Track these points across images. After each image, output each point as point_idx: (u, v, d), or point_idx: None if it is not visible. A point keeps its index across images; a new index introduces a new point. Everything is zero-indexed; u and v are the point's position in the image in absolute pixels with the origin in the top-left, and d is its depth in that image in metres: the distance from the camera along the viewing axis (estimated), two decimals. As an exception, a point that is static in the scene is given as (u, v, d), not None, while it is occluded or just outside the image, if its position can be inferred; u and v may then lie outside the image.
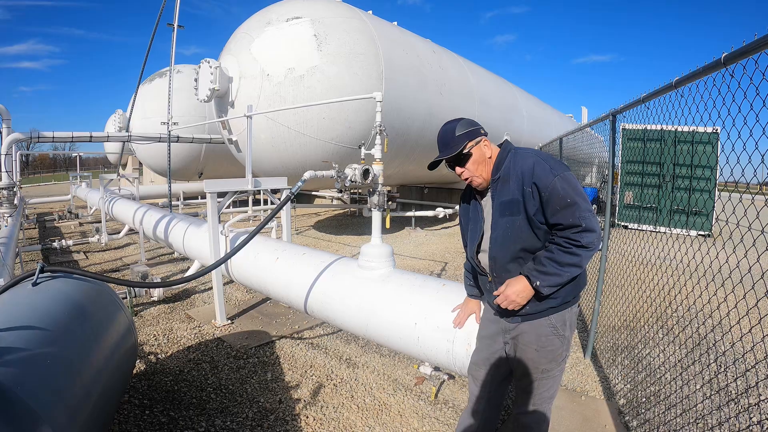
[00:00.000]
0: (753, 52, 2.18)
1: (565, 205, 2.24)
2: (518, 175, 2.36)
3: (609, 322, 5.55)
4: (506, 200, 2.40)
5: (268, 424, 3.59)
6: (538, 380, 2.52)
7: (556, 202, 2.25)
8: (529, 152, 2.44)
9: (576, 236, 2.23)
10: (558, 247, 2.27)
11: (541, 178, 2.28)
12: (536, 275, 2.30)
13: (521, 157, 2.41)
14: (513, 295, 2.36)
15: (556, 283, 2.31)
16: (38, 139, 9.42)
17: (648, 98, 3.65)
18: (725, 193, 3.44)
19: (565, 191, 2.24)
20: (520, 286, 2.35)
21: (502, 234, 2.43)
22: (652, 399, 3.84)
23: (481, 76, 13.85)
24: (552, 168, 2.29)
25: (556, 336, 2.45)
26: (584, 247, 2.24)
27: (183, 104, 13.80)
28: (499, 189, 2.44)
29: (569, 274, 2.29)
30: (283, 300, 4.84)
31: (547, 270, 2.28)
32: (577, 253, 2.24)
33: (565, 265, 2.26)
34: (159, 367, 4.51)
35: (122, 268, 8.71)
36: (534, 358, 2.49)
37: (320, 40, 8.48)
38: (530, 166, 2.33)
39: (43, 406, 2.00)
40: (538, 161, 2.34)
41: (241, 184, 5.73)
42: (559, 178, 2.26)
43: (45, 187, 33.18)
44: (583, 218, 2.22)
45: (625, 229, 12.57)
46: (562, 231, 2.28)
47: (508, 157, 2.45)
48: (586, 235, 2.23)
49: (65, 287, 3.02)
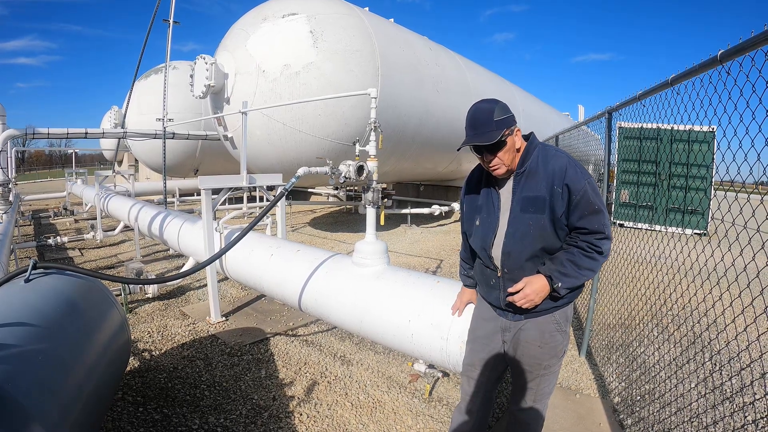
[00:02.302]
0: (749, 49, 2.16)
1: (594, 211, 2.24)
2: (549, 173, 2.31)
3: (604, 320, 5.55)
4: (531, 196, 2.33)
5: (262, 421, 3.58)
6: (540, 377, 2.50)
7: (586, 206, 2.25)
8: (559, 151, 2.40)
9: (598, 242, 2.26)
10: (580, 250, 2.28)
11: (574, 181, 2.25)
12: (558, 276, 2.29)
13: (552, 156, 2.36)
14: (532, 294, 2.32)
15: (574, 285, 2.32)
16: (33, 135, 9.36)
17: (644, 96, 3.64)
18: (721, 191, 3.44)
19: (594, 197, 2.25)
20: (539, 285, 2.33)
21: (522, 230, 2.36)
22: (647, 397, 3.85)
23: (478, 74, 13.85)
24: (581, 172, 2.29)
25: (559, 332, 2.45)
26: (602, 253, 2.28)
27: (179, 101, 13.74)
28: (523, 183, 2.36)
29: (585, 277, 2.31)
30: (278, 297, 4.83)
31: (568, 272, 2.28)
32: (596, 258, 2.27)
33: (583, 268, 2.28)
34: (153, 364, 4.49)
35: (117, 264, 8.69)
36: (537, 354, 2.46)
37: (316, 36, 8.45)
38: (562, 167, 2.29)
39: (34, 404, 1.98)
40: (571, 163, 2.30)
41: (235, 180, 5.71)
42: (588, 183, 2.26)
43: (40, 184, 33.05)
44: (606, 226, 2.26)
45: (621, 228, 12.59)
46: (585, 235, 2.28)
47: (536, 151, 2.39)
48: (606, 243, 2.27)
49: (58, 284, 3.00)
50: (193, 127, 12.72)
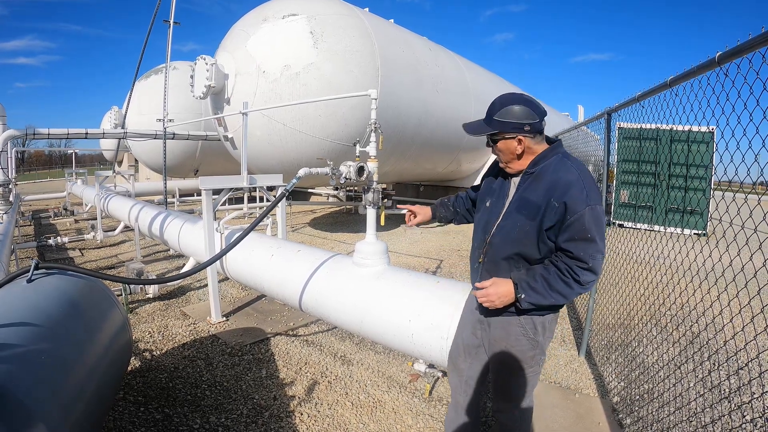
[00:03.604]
0: (747, 51, 2.18)
1: (584, 238, 2.16)
2: (552, 183, 2.26)
3: (603, 320, 5.57)
4: (529, 199, 2.31)
5: (263, 420, 3.59)
6: (508, 378, 2.51)
7: (577, 231, 2.17)
8: (575, 168, 2.29)
9: (578, 270, 2.17)
10: (557, 271, 2.21)
11: (574, 200, 2.17)
12: (524, 287, 2.25)
13: (565, 168, 2.29)
14: (494, 295, 2.29)
15: (539, 303, 2.25)
16: (34, 135, 9.39)
17: (643, 97, 3.66)
18: (719, 192, 3.46)
19: (590, 225, 2.15)
20: (504, 290, 2.29)
21: (508, 228, 2.37)
22: (646, 396, 3.86)
23: (478, 74, 13.86)
24: (589, 195, 2.18)
25: (525, 337, 2.41)
26: (580, 283, 2.19)
27: (179, 101, 13.76)
28: (527, 184, 2.36)
29: (554, 300, 2.23)
30: (278, 297, 4.84)
31: (537, 288, 2.22)
32: (571, 285, 2.19)
33: (555, 291, 2.21)
34: (154, 364, 4.51)
35: (118, 265, 8.70)
36: (503, 355, 2.48)
37: (316, 37, 8.47)
38: (567, 182, 2.21)
39: (36, 403, 2.00)
40: (579, 182, 2.21)
41: (236, 181, 5.72)
42: (591, 209, 2.16)
43: (40, 184, 33.05)
44: (593, 258, 2.16)
45: (621, 228, 12.60)
46: (569, 259, 2.20)
47: (554, 158, 2.34)
48: (588, 274, 2.18)
49: (60, 284, 3.01)
50: (194, 128, 12.73)
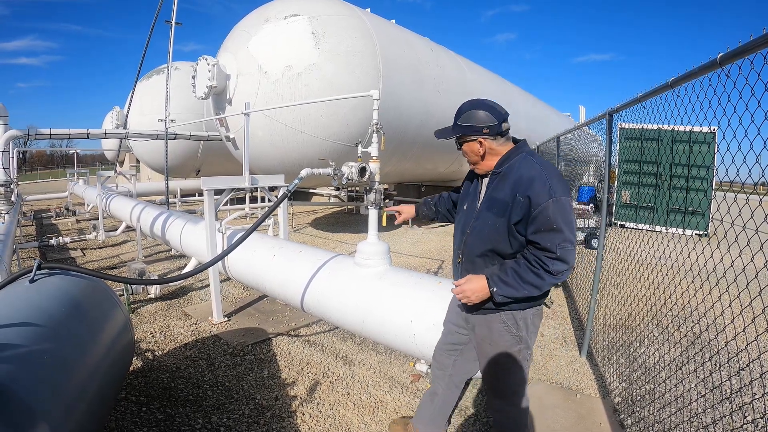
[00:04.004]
0: (748, 52, 2.19)
1: (550, 229, 2.24)
2: (516, 180, 2.37)
3: (605, 320, 5.57)
4: (497, 197, 2.43)
5: (265, 420, 3.60)
6: (497, 375, 2.59)
7: (542, 222, 2.26)
8: (538, 164, 2.40)
9: (547, 261, 2.25)
10: (527, 263, 2.30)
11: (536, 193, 2.27)
12: (496, 281, 2.34)
13: (528, 164, 2.40)
14: (469, 291, 2.40)
15: (512, 295, 2.33)
16: (36, 135, 9.40)
17: (644, 98, 3.66)
18: (720, 192, 3.46)
19: (554, 216, 2.24)
20: (478, 286, 2.39)
21: (480, 227, 2.50)
22: (647, 397, 3.86)
23: (479, 75, 13.87)
24: (552, 188, 2.28)
25: (508, 332, 2.50)
26: (551, 273, 2.26)
27: (180, 101, 13.77)
28: (495, 183, 2.48)
29: (527, 292, 2.31)
30: (280, 297, 4.85)
31: (508, 281, 2.31)
32: (542, 276, 2.27)
33: (526, 282, 2.29)
34: (156, 364, 4.51)
35: (119, 265, 8.71)
36: (489, 352, 2.57)
37: (318, 37, 8.48)
38: (530, 178, 2.32)
39: (39, 403, 2.01)
40: (541, 176, 2.32)
41: (238, 181, 5.74)
42: (554, 201, 2.25)
43: (42, 184, 33.13)
44: (561, 247, 2.23)
45: (622, 228, 12.60)
46: (537, 250, 2.29)
47: (518, 157, 2.46)
48: (557, 264, 2.25)
49: (62, 284, 3.02)
50: (195, 128, 12.75)
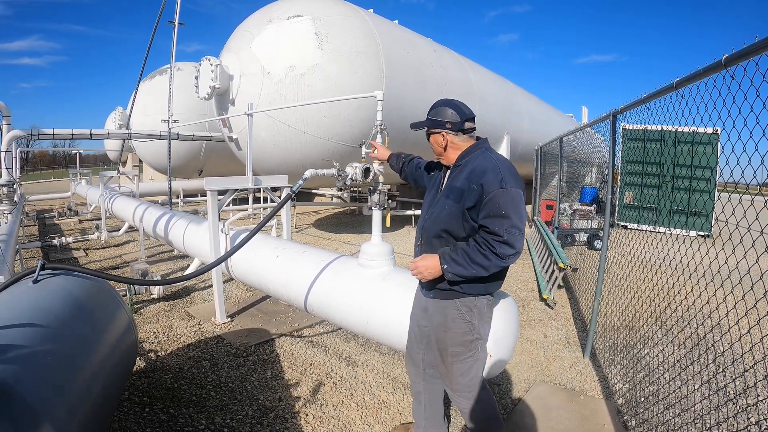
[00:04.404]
0: (753, 54, 2.19)
1: (498, 215, 2.43)
2: (472, 170, 2.60)
3: (608, 321, 5.56)
4: (454, 186, 2.66)
5: (268, 421, 3.60)
6: (450, 363, 2.73)
7: (491, 208, 2.45)
8: (493, 158, 2.65)
9: (494, 243, 2.42)
10: (476, 245, 2.47)
11: (489, 183, 2.48)
12: (447, 259, 2.53)
13: (484, 158, 2.64)
14: (422, 267, 2.62)
15: (461, 274, 2.51)
16: (39, 136, 9.42)
17: (648, 99, 3.66)
18: (725, 193, 3.45)
19: (503, 203, 2.43)
20: (431, 263, 2.59)
21: (437, 211, 2.72)
22: (651, 399, 3.85)
23: (482, 75, 13.84)
24: (503, 180, 2.48)
25: (462, 320, 2.66)
26: (497, 255, 2.42)
27: (183, 102, 13.77)
28: (455, 175, 2.72)
29: (474, 272, 2.48)
30: (283, 298, 4.85)
31: (458, 260, 2.49)
32: (488, 257, 2.43)
33: (474, 263, 2.46)
34: (159, 364, 4.52)
35: (122, 265, 8.72)
36: (443, 338, 2.73)
37: (321, 38, 8.48)
38: (484, 169, 2.55)
39: (43, 404, 2.01)
40: (494, 168, 2.54)
41: (241, 182, 5.74)
42: (504, 191, 2.45)
43: (45, 184, 33.19)
44: (508, 232, 2.40)
45: (625, 229, 12.57)
46: (486, 234, 2.47)
47: (477, 152, 2.70)
48: (504, 247, 2.41)
49: (66, 285, 3.02)
50: (198, 129, 12.76)
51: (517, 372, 4.53)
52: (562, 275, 6.88)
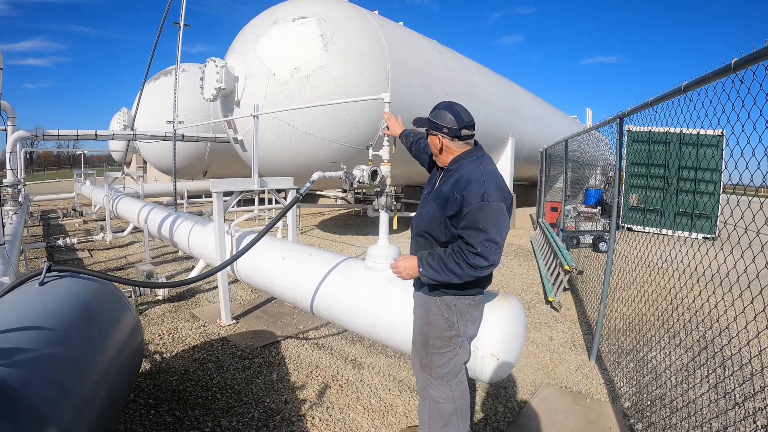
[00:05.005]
0: (763, 58, 2.19)
1: (475, 227, 2.48)
2: (458, 178, 2.66)
3: (614, 324, 5.54)
4: (442, 191, 2.73)
5: (274, 424, 3.60)
6: (429, 354, 2.82)
7: (470, 220, 2.51)
8: (482, 169, 2.67)
9: (469, 254, 2.47)
10: (452, 253, 2.54)
11: (471, 194, 2.53)
12: (423, 263, 2.63)
13: (472, 168, 2.68)
14: (401, 267, 2.74)
15: (435, 278, 2.60)
16: (43, 136, 9.44)
17: (656, 102, 3.65)
18: (733, 196, 3.44)
19: (481, 217, 2.48)
20: (410, 264, 2.72)
21: (424, 213, 2.83)
22: (657, 402, 3.84)
23: (486, 77, 13.85)
24: (486, 193, 2.52)
25: (442, 317, 2.76)
26: (470, 266, 2.48)
27: (188, 103, 13.82)
28: (445, 179, 2.78)
29: (447, 278, 2.56)
30: (289, 300, 4.84)
31: (433, 265, 2.59)
32: (462, 266, 2.50)
33: (448, 269, 2.54)
34: (164, 366, 4.52)
35: (127, 266, 8.74)
36: (424, 330, 2.84)
37: (326, 40, 8.49)
38: (469, 179, 2.59)
39: (49, 406, 2.01)
40: (479, 180, 2.57)
41: (247, 183, 5.74)
42: (485, 205, 2.49)
43: (49, 185, 33.28)
44: (483, 245, 2.45)
45: (630, 232, 12.53)
46: (462, 244, 2.53)
47: (468, 160, 2.75)
48: (478, 259, 2.46)
49: (72, 287, 3.03)
50: (203, 130, 12.79)
51: (523, 375, 4.52)
52: (567, 278, 6.86)
